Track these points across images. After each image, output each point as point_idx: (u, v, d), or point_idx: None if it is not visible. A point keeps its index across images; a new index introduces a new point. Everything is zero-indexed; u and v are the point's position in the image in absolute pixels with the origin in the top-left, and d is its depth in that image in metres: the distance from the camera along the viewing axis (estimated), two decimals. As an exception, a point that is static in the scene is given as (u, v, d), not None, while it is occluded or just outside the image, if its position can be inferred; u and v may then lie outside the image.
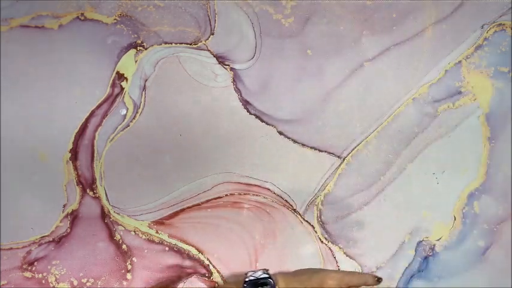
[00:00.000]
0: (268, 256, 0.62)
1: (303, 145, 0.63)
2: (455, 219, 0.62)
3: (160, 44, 0.64)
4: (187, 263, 0.62)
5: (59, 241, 0.62)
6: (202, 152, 0.63)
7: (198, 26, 0.64)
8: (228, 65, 0.63)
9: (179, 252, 0.62)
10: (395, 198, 0.62)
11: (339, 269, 0.62)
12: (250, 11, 0.63)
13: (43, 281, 0.62)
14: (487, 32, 0.64)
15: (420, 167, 0.62)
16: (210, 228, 0.62)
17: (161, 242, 0.62)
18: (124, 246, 0.62)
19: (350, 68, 0.63)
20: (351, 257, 0.62)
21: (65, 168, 0.63)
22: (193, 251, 0.62)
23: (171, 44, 0.64)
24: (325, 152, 0.63)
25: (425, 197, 0.62)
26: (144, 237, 0.62)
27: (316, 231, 0.63)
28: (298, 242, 0.62)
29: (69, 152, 0.63)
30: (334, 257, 0.62)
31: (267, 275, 0.53)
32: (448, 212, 0.62)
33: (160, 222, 0.62)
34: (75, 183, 0.62)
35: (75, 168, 0.63)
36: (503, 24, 0.64)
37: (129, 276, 0.62)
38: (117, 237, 0.62)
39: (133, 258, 0.62)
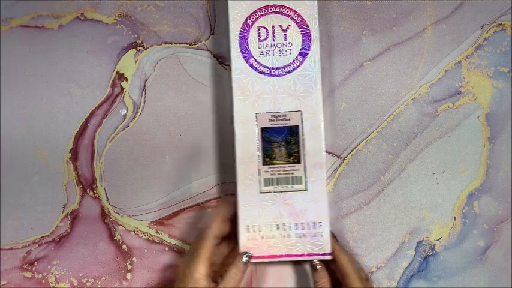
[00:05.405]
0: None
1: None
2: (455, 219, 0.62)
3: (160, 44, 0.64)
4: (187, 263, 0.62)
5: (59, 241, 0.62)
6: (202, 152, 0.63)
7: (198, 26, 0.64)
8: (228, 65, 0.63)
9: (179, 252, 0.62)
10: (395, 198, 0.62)
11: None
12: (250, 11, 0.63)
13: (43, 281, 0.62)
14: (487, 32, 0.64)
15: (420, 167, 0.62)
16: (210, 228, 0.62)
17: (161, 242, 0.62)
18: (124, 246, 0.62)
19: (350, 68, 0.63)
20: (351, 257, 0.62)
21: (65, 168, 0.63)
22: (193, 251, 0.62)
23: (171, 44, 0.64)
24: (325, 152, 0.63)
25: (425, 197, 0.62)
26: (144, 237, 0.62)
27: (316, 231, 0.63)
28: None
29: (69, 152, 0.63)
30: (334, 257, 0.62)
31: None
32: (448, 212, 0.62)
33: (160, 222, 0.62)
34: (75, 183, 0.63)
35: (75, 168, 0.63)
36: (503, 24, 0.64)
37: (129, 276, 0.62)
38: (117, 237, 0.62)
39: (134, 258, 0.62)
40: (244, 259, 0.55)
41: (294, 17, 0.57)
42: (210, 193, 0.62)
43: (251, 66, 0.57)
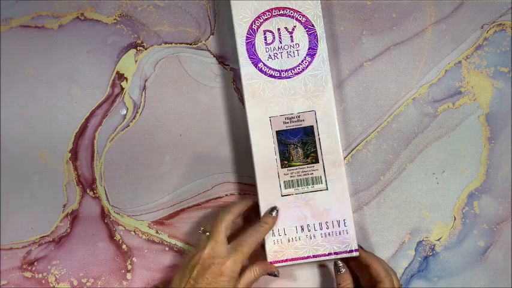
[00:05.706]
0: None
1: (303, 145, 0.63)
2: (455, 219, 0.62)
3: (160, 44, 0.64)
4: (187, 263, 0.62)
5: (59, 241, 0.62)
6: (202, 152, 0.63)
7: (198, 26, 0.64)
8: (228, 65, 0.63)
9: (179, 252, 0.62)
10: (395, 198, 0.62)
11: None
12: (250, 11, 0.63)
13: (43, 281, 0.62)
14: (487, 32, 0.64)
15: (420, 167, 0.62)
16: (210, 228, 0.62)
17: (161, 242, 0.62)
18: (124, 246, 0.62)
19: (350, 68, 0.63)
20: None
21: (65, 168, 0.63)
22: (193, 251, 0.62)
23: (171, 44, 0.64)
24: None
25: (425, 197, 0.62)
26: (144, 237, 0.62)
27: (316, 231, 0.63)
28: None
29: (69, 152, 0.63)
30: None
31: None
32: (448, 212, 0.62)
33: (160, 222, 0.62)
34: (75, 183, 0.62)
35: (75, 168, 0.63)
36: (503, 24, 0.64)
37: (129, 276, 0.62)
38: (117, 237, 0.62)
39: (134, 258, 0.62)
40: (270, 271, 0.55)
41: (298, 17, 0.57)
42: (210, 193, 0.62)
43: (260, 70, 0.57)
